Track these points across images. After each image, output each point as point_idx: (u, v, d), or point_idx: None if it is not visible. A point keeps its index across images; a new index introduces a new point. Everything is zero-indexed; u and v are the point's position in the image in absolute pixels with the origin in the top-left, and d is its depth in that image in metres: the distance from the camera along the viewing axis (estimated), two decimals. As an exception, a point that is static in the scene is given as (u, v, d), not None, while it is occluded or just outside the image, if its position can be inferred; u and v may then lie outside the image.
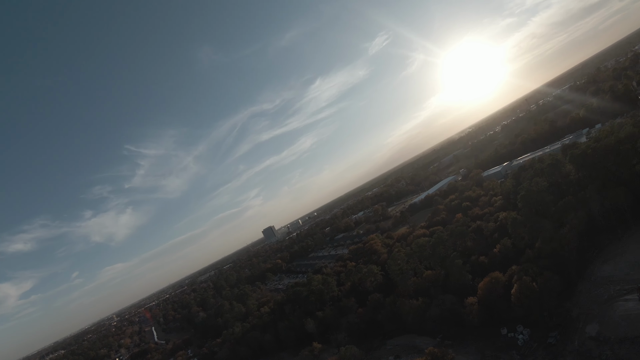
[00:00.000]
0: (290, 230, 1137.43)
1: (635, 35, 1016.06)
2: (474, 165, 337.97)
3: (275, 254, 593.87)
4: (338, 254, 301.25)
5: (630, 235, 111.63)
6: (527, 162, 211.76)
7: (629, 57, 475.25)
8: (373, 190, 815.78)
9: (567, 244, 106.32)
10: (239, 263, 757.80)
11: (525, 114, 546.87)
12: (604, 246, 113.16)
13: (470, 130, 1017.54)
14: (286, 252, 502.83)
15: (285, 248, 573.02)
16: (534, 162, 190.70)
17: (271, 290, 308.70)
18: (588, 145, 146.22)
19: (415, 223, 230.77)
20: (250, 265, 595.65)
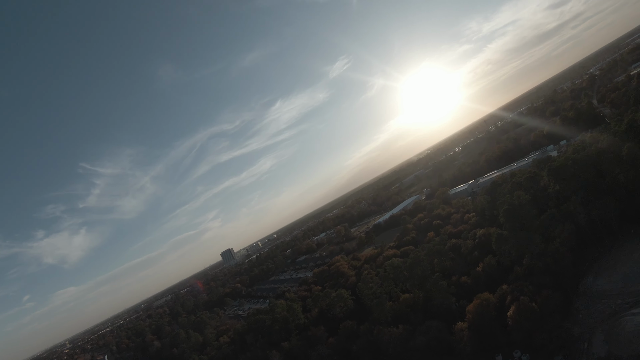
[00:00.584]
0: (250, 253, 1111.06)
1: (587, 60, 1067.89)
2: (439, 184, 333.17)
3: (234, 277, 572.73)
4: (301, 277, 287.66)
5: (619, 247, 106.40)
6: (499, 178, 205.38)
7: (585, 78, 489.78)
8: (334, 212, 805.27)
9: (561, 259, 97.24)
10: (196, 287, 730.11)
11: (485, 135, 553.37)
12: (593, 259, 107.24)
13: (428, 152, 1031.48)
14: (246, 275, 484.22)
15: (245, 271, 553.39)
16: (509, 176, 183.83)
17: (230, 317, 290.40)
18: (567, 157, 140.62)
19: (383, 243, 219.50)
20: (208, 289, 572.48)
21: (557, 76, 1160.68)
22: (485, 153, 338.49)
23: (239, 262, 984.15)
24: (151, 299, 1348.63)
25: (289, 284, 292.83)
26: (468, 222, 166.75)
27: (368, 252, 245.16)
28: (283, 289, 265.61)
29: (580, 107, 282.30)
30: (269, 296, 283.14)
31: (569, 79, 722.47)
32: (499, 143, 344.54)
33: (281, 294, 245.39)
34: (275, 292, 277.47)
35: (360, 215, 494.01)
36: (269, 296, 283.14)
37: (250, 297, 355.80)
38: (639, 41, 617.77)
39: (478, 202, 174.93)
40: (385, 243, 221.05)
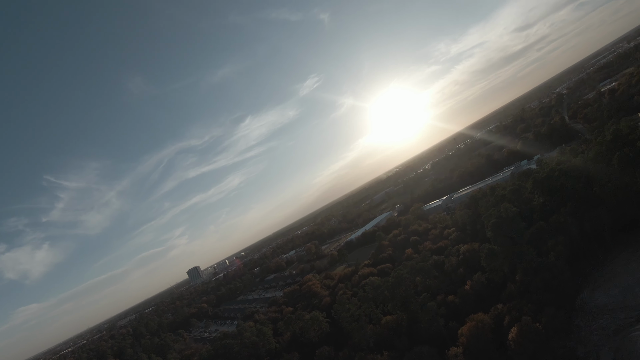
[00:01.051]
0: (217, 271, 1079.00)
1: (552, 80, 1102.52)
2: (412, 200, 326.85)
3: (200, 296, 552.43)
4: (271, 297, 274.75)
5: (613, 259, 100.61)
6: (476, 192, 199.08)
7: (553, 97, 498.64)
8: (303, 229, 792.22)
9: (560, 274, 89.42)
10: (161, 306, 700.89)
11: (455, 152, 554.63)
12: (587, 273, 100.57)
13: (397, 170, 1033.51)
14: (212, 294, 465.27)
15: (212, 290, 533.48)
16: (488, 190, 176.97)
17: (196, 340, 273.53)
18: (552, 168, 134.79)
19: (357, 261, 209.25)
20: (173, 309, 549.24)
21: (523, 96, 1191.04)
22: (458, 169, 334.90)
23: (205, 280, 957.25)
24: (115, 318, 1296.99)
25: (258, 304, 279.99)
26: (449, 237, 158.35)
27: (341, 270, 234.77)
28: (252, 309, 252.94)
29: (553, 122, 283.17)
30: (237, 317, 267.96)
31: (535, 98, 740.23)
32: (471, 159, 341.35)
33: (250, 315, 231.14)
34: (244, 312, 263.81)
35: (330, 232, 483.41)
36: (237, 317, 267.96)
37: (217, 317, 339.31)
38: (604, 61, 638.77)
39: (458, 217, 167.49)
40: (359, 260, 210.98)
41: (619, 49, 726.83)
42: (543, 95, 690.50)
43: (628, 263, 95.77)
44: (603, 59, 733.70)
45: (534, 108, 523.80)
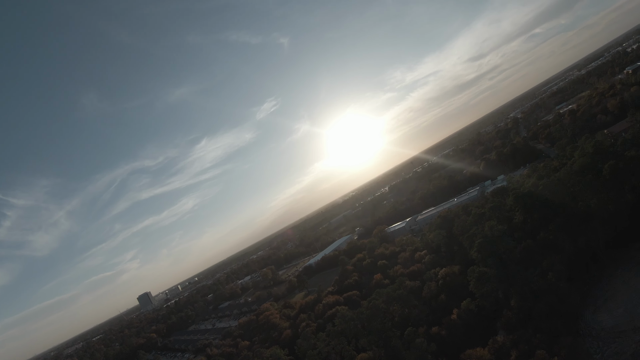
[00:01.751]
0: (169, 297, 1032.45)
1: (503, 107, 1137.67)
2: (373, 223, 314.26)
3: (150, 324, 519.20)
4: (225, 327, 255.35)
5: (610, 276, 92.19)
6: (445, 212, 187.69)
7: (509, 121, 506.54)
8: (258, 254, 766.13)
9: (566, 296, 77.84)
10: (110, 334, 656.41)
11: (412, 175, 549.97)
12: (584, 292, 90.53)
13: (353, 194, 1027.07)
14: (163, 323, 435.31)
15: (162, 318, 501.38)
16: (460, 209, 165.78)
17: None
18: (534, 183, 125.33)
19: (319, 288, 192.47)
20: (121, 337, 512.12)
21: (476, 123, 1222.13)
22: (419, 191, 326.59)
23: (157, 307, 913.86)
24: (62, 346, 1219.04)
25: (212, 335, 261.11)
26: (422, 261, 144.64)
27: (301, 298, 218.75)
28: (204, 341, 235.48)
29: (515, 143, 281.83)
30: (188, 349, 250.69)
31: (488, 124, 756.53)
32: (432, 181, 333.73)
33: (202, 349, 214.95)
34: (196, 344, 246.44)
35: (287, 257, 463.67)
36: (188, 349, 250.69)
37: (167, 349, 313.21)
38: (556, 88, 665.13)
39: (430, 239, 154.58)
40: (321, 287, 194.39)
41: (570, 76, 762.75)
42: (497, 120, 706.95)
43: (627, 280, 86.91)
44: (555, 85, 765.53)
45: (490, 132, 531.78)
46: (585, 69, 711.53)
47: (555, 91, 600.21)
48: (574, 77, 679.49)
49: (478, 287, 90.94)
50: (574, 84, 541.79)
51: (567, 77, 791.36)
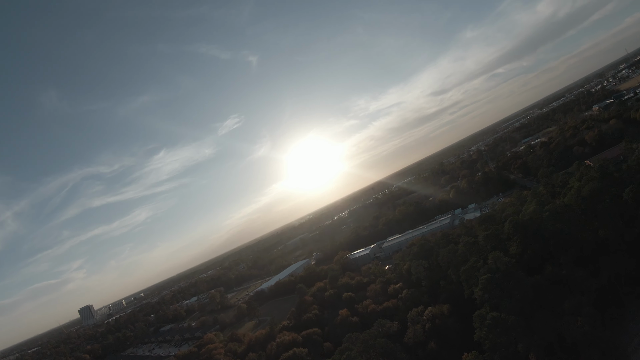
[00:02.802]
0: (112, 312, 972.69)
1: (463, 141, 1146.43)
2: (333, 248, 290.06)
3: (87, 342, 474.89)
4: (163, 356, 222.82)
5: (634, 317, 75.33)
6: (419, 240, 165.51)
7: (473, 153, 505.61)
8: (208, 273, 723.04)
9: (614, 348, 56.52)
10: (46, 348, 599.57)
11: (373, 201, 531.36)
12: None
13: (310, 217, 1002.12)
14: (98, 343, 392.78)
15: (100, 336, 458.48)
16: (441, 237, 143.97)
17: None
18: (535, 210, 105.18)
19: (273, 319, 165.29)
20: (56, 353, 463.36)
21: (434, 155, 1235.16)
22: (383, 217, 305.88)
23: (98, 321, 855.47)
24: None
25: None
26: (397, 296, 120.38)
27: (250, 328, 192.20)
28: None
29: (487, 172, 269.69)
30: None
31: (448, 156, 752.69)
32: (397, 207, 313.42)
33: None
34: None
35: (238, 279, 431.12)
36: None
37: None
38: (518, 124, 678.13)
39: (406, 270, 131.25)
40: (274, 319, 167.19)
41: (531, 114, 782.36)
42: (459, 152, 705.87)
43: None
44: (517, 122, 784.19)
45: (454, 162, 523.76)
46: (547, 108, 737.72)
47: (519, 127, 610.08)
48: (536, 114, 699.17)
49: (491, 337, 67.42)
50: (538, 120, 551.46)
51: (529, 115, 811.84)
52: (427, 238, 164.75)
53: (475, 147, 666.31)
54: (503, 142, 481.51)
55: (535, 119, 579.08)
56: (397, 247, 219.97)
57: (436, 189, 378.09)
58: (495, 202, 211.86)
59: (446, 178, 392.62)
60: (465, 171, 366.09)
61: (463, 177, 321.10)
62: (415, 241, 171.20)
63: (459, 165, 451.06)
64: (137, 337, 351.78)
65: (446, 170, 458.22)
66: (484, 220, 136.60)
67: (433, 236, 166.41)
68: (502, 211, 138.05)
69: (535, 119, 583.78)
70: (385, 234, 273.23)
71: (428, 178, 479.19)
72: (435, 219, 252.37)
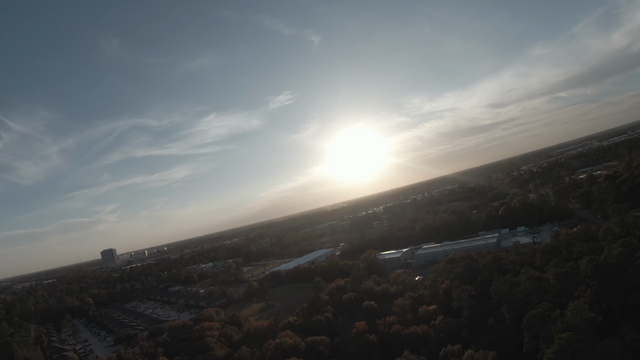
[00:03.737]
0: (132, 260, 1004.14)
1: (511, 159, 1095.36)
2: (361, 242, 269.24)
3: (98, 285, 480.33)
4: (160, 320, 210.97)
5: None
6: (462, 256, 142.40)
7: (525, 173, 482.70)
8: (233, 240, 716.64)
9: None
10: (60, 283, 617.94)
11: (412, 202, 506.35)
12: None
13: (344, 205, 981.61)
14: (105, 289, 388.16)
15: (113, 282, 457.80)
16: (492, 260, 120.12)
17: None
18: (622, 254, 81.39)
19: (279, 314, 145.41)
20: (66, 289, 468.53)
21: (481, 167, 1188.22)
22: (421, 221, 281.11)
23: (117, 266, 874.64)
24: (17, 279, 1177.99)
25: (145, 323, 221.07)
26: (429, 321, 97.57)
27: (256, 311, 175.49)
28: (129, 330, 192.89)
29: (545, 195, 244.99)
30: (114, 331, 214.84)
31: (495, 171, 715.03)
32: (438, 214, 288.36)
33: (122, 338, 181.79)
34: (122, 328, 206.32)
35: (259, 253, 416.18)
36: (114, 331, 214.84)
37: (94, 322, 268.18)
38: (574, 152, 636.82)
39: (443, 290, 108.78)
40: (281, 311, 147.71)
41: (589, 145, 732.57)
42: (509, 169, 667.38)
43: None
44: (573, 150, 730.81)
45: (503, 178, 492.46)
46: (607, 141, 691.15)
47: (576, 155, 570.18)
48: (595, 146, 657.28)
49: None
50: (598, 152, 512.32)
51: (587, 145, 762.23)
52: (472, 256, 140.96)
53: (526, 167, 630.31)
54: (558, 167, 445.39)
55: (595, 151, 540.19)
56: (432, 257, 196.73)
57: (482, 202, 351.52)
58: (553, 230, 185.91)
59: (494, 193, 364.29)
60: (516, 189, 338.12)
61: (514, 195, 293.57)
62: (457, 256, 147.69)
63: (508, 182, 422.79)
64: (145, 292, 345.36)
65: (494, 186, 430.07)
66: (548, 252, 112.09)
67: (478, 255, 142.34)
68: (568, 244, 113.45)
69: (594, 150, 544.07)
70: (420, 239, 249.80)
71: (474, 190, 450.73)
72: (479, 234, 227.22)
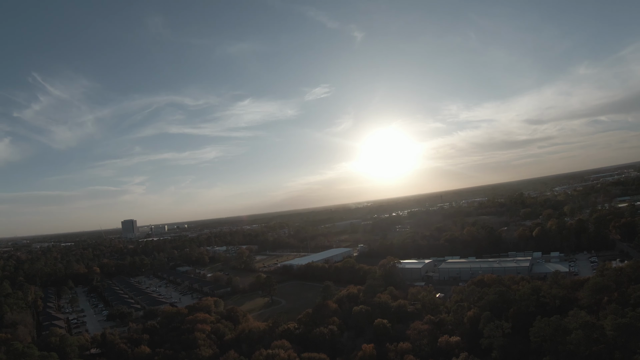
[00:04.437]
0: (151, 233, 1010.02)
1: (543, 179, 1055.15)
2: (381, 246, 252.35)
3: (111, 254, 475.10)
4: (160, 300, 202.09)
5: None
6: (491, 279, 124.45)
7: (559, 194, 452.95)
8: (252, 226, 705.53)
9: None
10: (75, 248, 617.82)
11: (438, 210, 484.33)
12: None
13: (368, 205, 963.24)
14: (115, 260, 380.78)
15: (127, 253, 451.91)
16: (531, 291, 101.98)
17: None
18: None
19: (282, 308, 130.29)
20: (79, 255, 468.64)
21: (511, 183, 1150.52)
22: (448, 232, 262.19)
23: (135, 237, 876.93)
24: (38, 238, 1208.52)
25: (144, 301, 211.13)
26: (451, 358, 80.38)
27: (258, 307, 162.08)
28: (125, 308, 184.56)
29: (584, 221, 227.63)
30: (111, 306, 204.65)
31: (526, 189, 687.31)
32: (466, 226, 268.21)
33: (115, 315, 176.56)
34: (120, 303, 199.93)
35: (275, 243, 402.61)
36: (111, 306, 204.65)
37: (96, 292, 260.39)
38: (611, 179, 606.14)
39: (471, 318, 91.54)
40: (283, 314, 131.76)
41: (627, 173, 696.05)
42: (542, 188, 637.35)
43: None
44: (609, 176, 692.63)
45: (536, 197, 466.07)
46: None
47: (614, 182, 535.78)
48: (633, 175, 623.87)
49: None
50: (637, 182, 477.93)
51: (623, 173, 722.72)
52: (503, 281, 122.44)
53: (560, 188, 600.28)
54: (595, 192, 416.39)
55: (634, 180, 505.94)
56: (456, 273, 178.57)
57: (513, 219, 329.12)
58: (593, 262, 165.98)
59: (526, 211, 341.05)
60: (550, 210, 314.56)
61: (548, 216, 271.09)
62: (486, 279, 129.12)
63: (541, 202, 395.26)
64: (153, 268, 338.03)
65: (526, 203, 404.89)
66: (597, 290, 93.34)
67: (510, 281, 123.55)
68: (618, 283, 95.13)
69: (633, 180, 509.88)
70: (445, 251, 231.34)
71: (504, 205, 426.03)
72: (509, 255, 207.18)
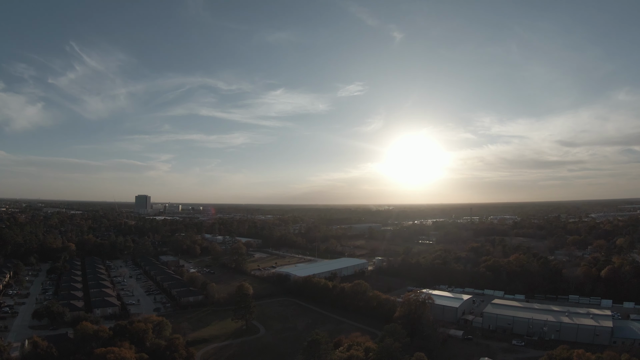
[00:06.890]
0: (164, 211, 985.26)
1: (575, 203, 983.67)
2: (404, 265, 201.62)
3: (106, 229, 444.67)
4: (109, 300, 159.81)
5: None
6: None
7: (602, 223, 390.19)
8: (267, 217, 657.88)
9: None
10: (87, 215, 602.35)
11: (467, 224, 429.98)
12: None
13: (390, 208, 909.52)
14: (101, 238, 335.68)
15: (123, 229, 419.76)
16: None
17: None
18: None
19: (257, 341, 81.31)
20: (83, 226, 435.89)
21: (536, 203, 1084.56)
22: (489, 257, 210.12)
23: (148, 213, 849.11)
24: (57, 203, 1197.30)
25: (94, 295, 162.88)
26: None
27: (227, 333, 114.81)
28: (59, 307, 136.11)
29: None
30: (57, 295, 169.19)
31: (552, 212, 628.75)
32: (513, 252, 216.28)
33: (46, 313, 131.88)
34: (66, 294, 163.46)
35: (281, 240, 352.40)
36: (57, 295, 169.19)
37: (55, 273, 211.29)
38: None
39: None
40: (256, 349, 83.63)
41: None
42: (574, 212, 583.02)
43: None
44: None
45: (576, 223, 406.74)
46: None
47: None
48: None
49: None
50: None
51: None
52: None
53: (596, 214, 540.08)
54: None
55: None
56: (508, 323, 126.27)
57: (557, 243, 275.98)
58: None
59: (574, 239, 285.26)
60: (602, 241, 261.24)
61: (599, 248, 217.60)
62: None
63: (587, 229, 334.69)
64: (139, 251, 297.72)
65: (567, 229, 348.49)
66: None
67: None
68: None
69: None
70: (485, 281, 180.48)
71: (543, 227, 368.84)
72: (570, 299, 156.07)
